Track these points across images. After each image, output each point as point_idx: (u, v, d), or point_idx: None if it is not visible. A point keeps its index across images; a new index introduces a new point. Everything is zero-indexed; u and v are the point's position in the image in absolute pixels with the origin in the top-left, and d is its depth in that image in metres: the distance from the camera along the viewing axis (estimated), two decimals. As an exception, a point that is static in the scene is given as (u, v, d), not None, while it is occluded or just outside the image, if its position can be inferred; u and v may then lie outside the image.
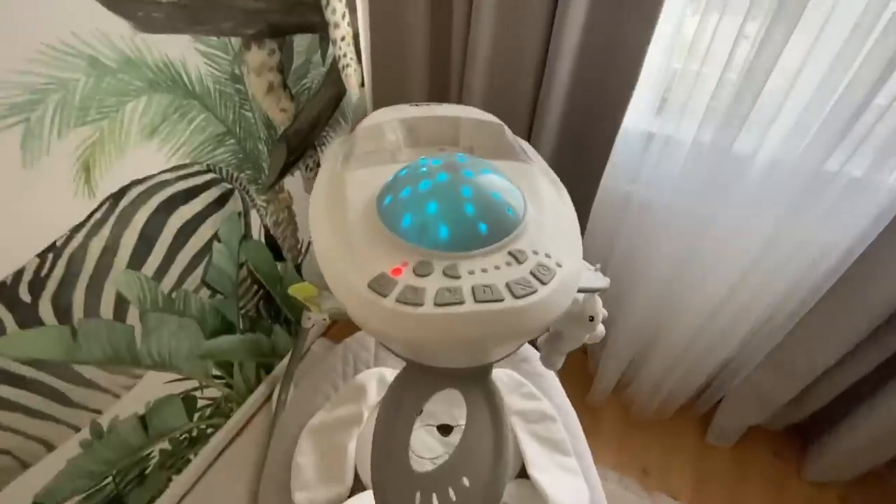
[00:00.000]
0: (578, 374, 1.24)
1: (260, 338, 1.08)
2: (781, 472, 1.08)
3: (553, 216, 0.30)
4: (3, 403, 0.60)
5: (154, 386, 0.83)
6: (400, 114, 0.42)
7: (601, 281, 0.38)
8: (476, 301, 0.23)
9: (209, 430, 1.01)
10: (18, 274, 0.58)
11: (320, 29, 0.93)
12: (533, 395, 0.60)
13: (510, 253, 0.26)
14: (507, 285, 0.24)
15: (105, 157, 0.62)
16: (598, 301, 0.42)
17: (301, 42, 0.89)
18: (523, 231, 0.27)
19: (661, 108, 0.87)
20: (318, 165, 1.06)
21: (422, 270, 0.25)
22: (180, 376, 0.88)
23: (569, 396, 1.18)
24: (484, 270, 0.25)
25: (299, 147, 0.98)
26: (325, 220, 0.29)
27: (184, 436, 0.94)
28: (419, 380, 0.28)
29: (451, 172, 0.28)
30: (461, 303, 0.23)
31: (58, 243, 0.61)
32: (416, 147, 0.41)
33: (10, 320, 0.58)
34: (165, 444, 0.90)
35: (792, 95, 0.76)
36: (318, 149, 1.05)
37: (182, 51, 0.68)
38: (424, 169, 0.28)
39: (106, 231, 0.66)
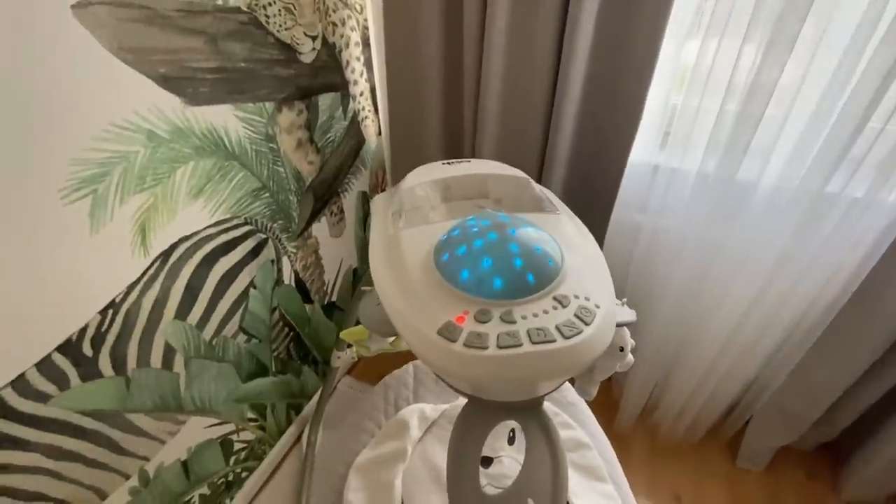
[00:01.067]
0: (603, 401, 1.25)
1: (290, 379, 1.11)
2: (817, 493, 1.07)
3: (585, 261, 0.34)
4: (66, 455, 0.64)
5: (195, 431, 0.86)
6: (435, 174, 0.47)
7: (630, 315, 0.42)
8: (532, 343, 0.27)
9: (244, 474, 1.03)
10: (83, 331, 0.62)
11: (341, 87, 1.01)
12: (568, 424, 0.62)
13: (555, 298, 0.30)
14: (557, 327, 0.28)
15: (158, 218, 0.68)
16: (627, 332, 0.45)
17: (325, 100, 0.97)
18: (564, 278, 0.31)
19: (665, 142, 0.93)
20: (342, 211, 1.12)
21: (482, 318, 0.29)
22: (219, 420, 0.91)
23: (595, 424, 1.19)
24: (535, 315, 0.29)
25: (325, 195, 1.04)
26: (389, 278, 0.34)
27: (221, 480, 0.96)
28: (481, 413, 0.31)
29: (499, 231, 0.32)
30: (520, 345, 0.27)
31: (116, 300, 0.66)
32: (450, 202, 0.46)
33: (74, 375, 0.62)
34: (204, 489, 0.92)
35: (789, 122, 0.80)
36: (342, 195, 1.11)
37: (224, 118, 0.75)
38: (476, 229, 0.33)
39: (157, 286, 0.71)
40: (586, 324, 0.29)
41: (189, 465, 0.86)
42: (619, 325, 0.41)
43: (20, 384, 0.57)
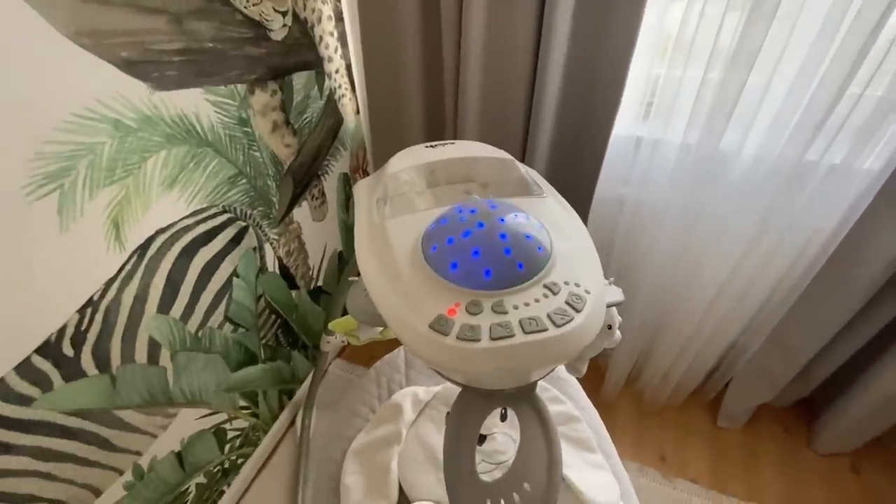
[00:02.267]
0: (589, 371, 1.28)
1: (281, 365, 1.11)
2: (793, 446, 1.13)
3: (574, 245, 0.34)
4: (56, 455, 0.63)
5: (187, 423, 0.86)
6: (418, 157, 0.45)
7: (617, 294, 0.42)
8: (525, 333, 0.27)
9: (240, 461, 1.04)
10: (61, 331, 0.61)
11: (316, 65, 0.97)
12: (558, 398, 0.64)
13: (545, 286, 0.30)
14: (549, 316, 0.28)
15: (132, 211, 0.66)
16: (615, 310, 0.46)
17: (299, 80, 0.93)
18: (553, 265, 0.31)
19: (647, 114, 0.92)
20: (323, 195, 1.10)
21: (473, 309, 0.28)
22: (210, 411, 0.91)
23: (583, 393, 1.22)
24: (526, 304, 0.29)
25: (304, 179, 1.01)
26: (377, 270, 0.33)
27: (217, 468, 0.97)
28: (475, 402, 0.31)
29: (488, 220, 0.32)
30: (512, 335, 0.27)
31: (94, 297, 0.64)
32: (436, 186, 0.45)
33: (56, 376, 0.61)
34: (201, 478, 0.93)
35: (771, 91, 0.80)
36: (322, 178, 1.08)
37: (194, 103, 0.71)
38: (464, 219, 0.32)
39: (136, 280, 0.69)
40: (577, 311, 0.29)
41: (183, 456, 0.86)
42: (608, 306, 0.42)
43: (1, 388, 0.55)
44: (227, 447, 0.98)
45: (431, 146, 0.48)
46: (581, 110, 0.91)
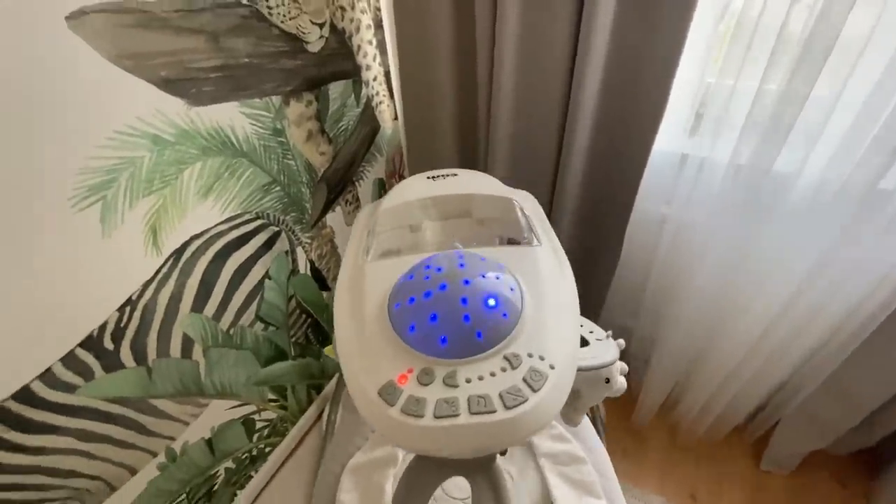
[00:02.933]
0: (622, 395, 1.22)
1: (310, 362, 1.15)
2: (848, 501, 1.02)
3: (551, 309, 0.32)
4: (96, 437, 0.70)
5: (217, 413, 0.91)
6: (417, 191, 0.45)
7: (609, 354, 0.39)
8: (471, 413, 0.26)
9: (267, 449, 1.10)
10: (103, 327, 0.66)
11: (353, 74, 0.98)
12: (562, 436, 0.61)
13: (506, 357, 0.28)
14: (500, 395, 0.26)
15: (168, 219, 0.70)
16: (616, 365, 0.43)
17: (336, 89, 0.95)
18: (518, 334, 0.29)
19: (696, 129, 0.85)
20: (357, 200, 1.12)
21: (425, 379, 0.27)
22: (240, 402, 0.96)
23: (611, 417, 1.17)
24: (480, 378, 0.27)
25: (338, 185, 1.04)
26: (347, 316, 0.33)
27: (245, 455, 1.03)
28: (429, 469, 0.30)
29: (451, 282, 0.30)
30: (457, 415, 0.26)
31: (133, 297, 0.69)
32: (433, 220, 0.44)
33: (97, 367, 0.67)
34: (230, 464, 0.99)
35: (841, 105, 0.71)
36: (357, 184, 1.11)
37: (230, 116, 0.75)
38: (428, 277, 0.31)
39: (171, 282, 0.74)
40: (534, 390, 0.27)
41: (213, 443, 0.92)
42: (594, 369, 0.39)
43: (48, 377, 0.61)
44: (256, 436, 1.04)
45: (433, 177, 0.47)
46: (620, 120, 0.85)
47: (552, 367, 0.28)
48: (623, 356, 1.24)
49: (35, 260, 0.56)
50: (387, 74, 1.07)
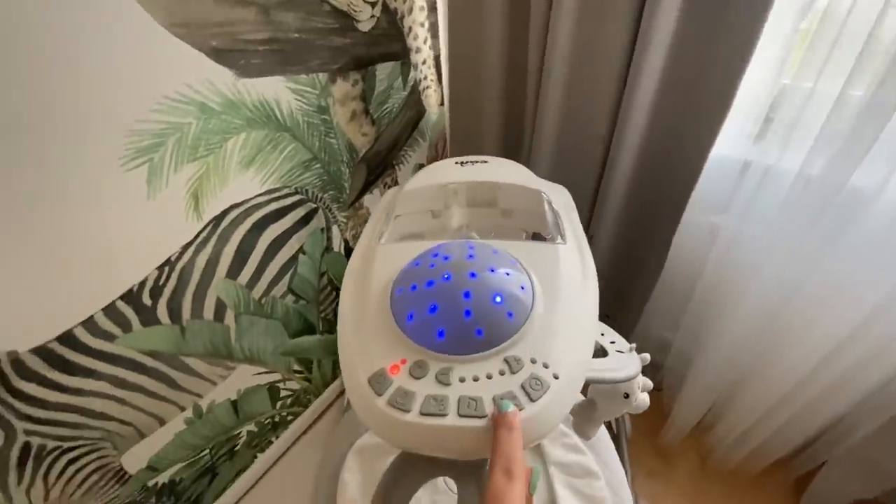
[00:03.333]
0: (652, 410, 1.16)
1: (336, 338, 1.17)
2: (899, 560, 0.91)
3: (565, 313, 0.29)
4: (130, 385, 0.74)
5: (245, 377, 0.95)
6: (444, 175, 0.43)
7: (630, 368, 0.36)
8: (459, 415, 0.24)
9: (289, 417, 1.13)
10: (142, 283, 0.70)
11: (402, 56, 0.97)
12: (577, 447, 0.58)
13: (506, 360, 0.26)
14: (494, 400, 0.24)
15: (210, 186, 0.73)
16: (636, 381, 0.39)
17: (383, 70, 0.94)
18: (523, 336, 0.27)
19: (763, 135, 0.77)
20: (396, 183, 1.12)
21: (417, 372, 0.26)
22: (266, 370, 1.00)
23: (637, 433, 1.11)
24: (475, 379, 0.25)
25: (378, 167, 1.04)
26: (351, 295, 0.32)
27: (268, 420, 1.07)
28: (413, 465, 0.29)
29: (456, 273, 0.28)
30: (444, 415, 0.24)
31: (172, 258, 0.73)
32: (456, 207, 0.42)
33: (135, 320, 0.71)
34: (252, 427, 1.03)
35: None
36: (397, 167, 1.10)
37: (276, 90, 0.76)
38: (433, 265, 0.30)
39: (209, 247, 0.77)
40: (531, 399, 0.24)
41: (238, 405, 0.96)
42: (608, 383, 0.36)
43: (90, 324, 0.66)
44: (279, 404, 1.08)
45: (462, 163, 0.45)
46: (678, 120, 0.79)
47: (556, 377, 0.26)
48: (657, 370, 1.18)
49: (85, 213, 0.59)
50: (436, 59, 1.06)
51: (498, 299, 0.28)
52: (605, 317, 1.10)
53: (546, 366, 0.26)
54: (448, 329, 0.27)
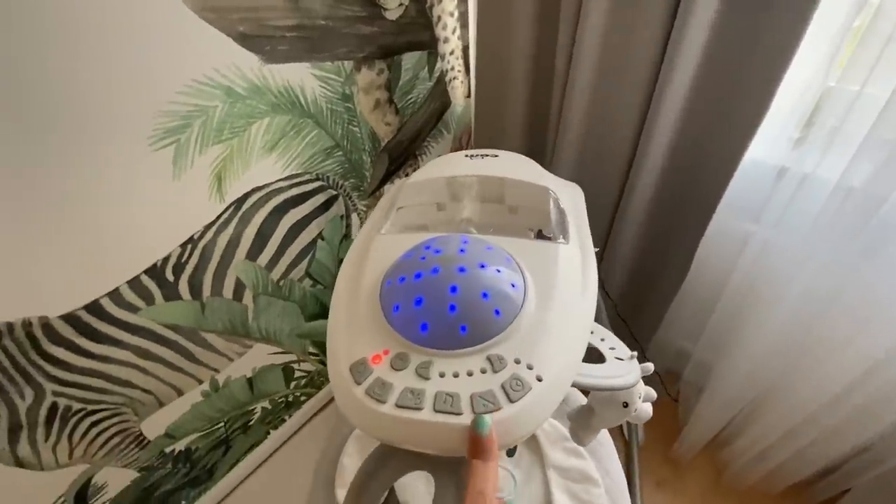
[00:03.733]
0: (664, 420, 1.13)
1: (352, 325, 1.19)
2: None
3: (558, 315, 0.28)
4: (151, 356, 0.77)
5: (260, 355, 0.98)
6: (451, 168, 0.42)
7: (628, 377, 0.34)
8: (434, 410, 0.24)
9: (302, 398, 1.16)
10: (165, 259, 0.73)
11: (429, 46, 0.96)
12: (577, 451, 0.57)
13: (488, 358, 0.25)
14: (471, 398, 0.24)
15: (233, 169, 0.75)
16: (636, 390, 0.38)
17: (409, 60, 0.94)
18: (510, 335, 0.26)
19: (802, 139, 0.73)
20: (417, 174, 1.12)
21: (398, 364, 0.26)
22: (282, 350, 1.02)
23: (650, 440, 1.09)
24: (455, 375, 0.25)
25: (400, 157, 1.04)
26: (345, 283, 0.32)
27: (281, 399, 1.10)
28: (389, 457, 0.29)
29: (444, 267, 0.28)
30: (419, 409, 0.24)
31: (194, 237, 0.75)
32: (462, 201, 0.42)
33: (158, 294, 0.74)
34: (266, 404, 1.06)
35: None
36: (419, 158, 1.10)
37: (301, 76, 0.77)
38: (424, 258, 0.29)
39: (231, 228, 0.79)
40: (510, 400, 0.24)
41: (253, 382, 0.99)
42: (603, 389, 0.35)
43: (115, 296, 0.69)
44: (293, 384, 1.11)
45: (472, 156, 0.44)
46: (710, 122, 0.76)
47: (539, 379, 0.25)
48: (674, 381, 1.14)
49: (114, 190, 0.62)
50: (465, 50, 1.04)
51: (485, 296, 0.27)
52: (621, 321, 1.07)
53: (530, 367, 0.25)
54: (432, 323, 0.26)
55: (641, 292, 1.04)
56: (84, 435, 0.73)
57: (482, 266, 0.29)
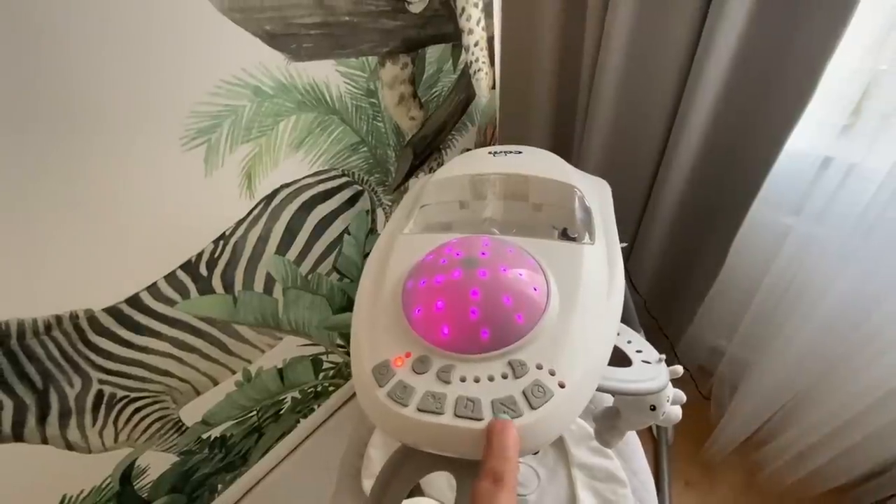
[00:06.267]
0: (696, 416, 1.10)
1: (378, 318, 1.21)
2: None
3: (582, 319, 0.27)
4: (188, 347, 0.81)
5: (290, 347, 1.01)
6: (475, 166, 0.42)
7: (656, 380, 0.33)
8: (455, 415, 0.24)
9: (331, 388, 1.19)
10: (199, 255, 0.76)
11: (453, 38, 0.95)
12: (603, 451, 0.56)
13: (510, 363, 0.25)
14: (493, 403, 0.24)
15: (262, 166, 0.76)
16: (665, 393, 0.37)
17: (433, 53, 0.93)
18: (532, 339, 0.26)
19: (848, 127, 0.68)
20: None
21: (419, 367, 0.26)
22: (311, 342, 1.05)
23: (679, 439, 1.06)
24: (476, 380, 0.25)
25: (424, 151, 1.04)
26: (368, 284, 0.32)
27: (310, 389, 1.13)
28: (411, 457, 0.29)
29: (466, 270, 0.28)
30: (440, 413, 0.24)
31: (226, 233, 0.78)
32: (486, 199, 0.41)
33: (193, 288, 0.77)
34: (296, 394, 1.09)
35: None
36: (444, 152, 1.10)
37: (326, 73, 0.78)
38: (444, 261, 0.29)
39: (260, 225, 0.81)
40: (532, 407, 0.24)
41: (284, 373, 1.03)
42: (630, 395, 0.34)
43: (153, 290, 0.72)
44: (322, 375, 1.14)
45: (495, 153, 0.44)
46: (749, 109, 0.72)
47: (561, 386, 0.25)
48: (705, 378, 1.11)
49: (150, 190, 0.65)
50: (489, 41, 1.03)
51: (507, 300, 0.27)
52: (651, 318, 1.04)
53: (553, 373, 0.25)
54: (452, 327, 0.26)
55: (673, 288, 1.01)
56: (128, 420, 0.77)
57: (504, 269, 0.28)
